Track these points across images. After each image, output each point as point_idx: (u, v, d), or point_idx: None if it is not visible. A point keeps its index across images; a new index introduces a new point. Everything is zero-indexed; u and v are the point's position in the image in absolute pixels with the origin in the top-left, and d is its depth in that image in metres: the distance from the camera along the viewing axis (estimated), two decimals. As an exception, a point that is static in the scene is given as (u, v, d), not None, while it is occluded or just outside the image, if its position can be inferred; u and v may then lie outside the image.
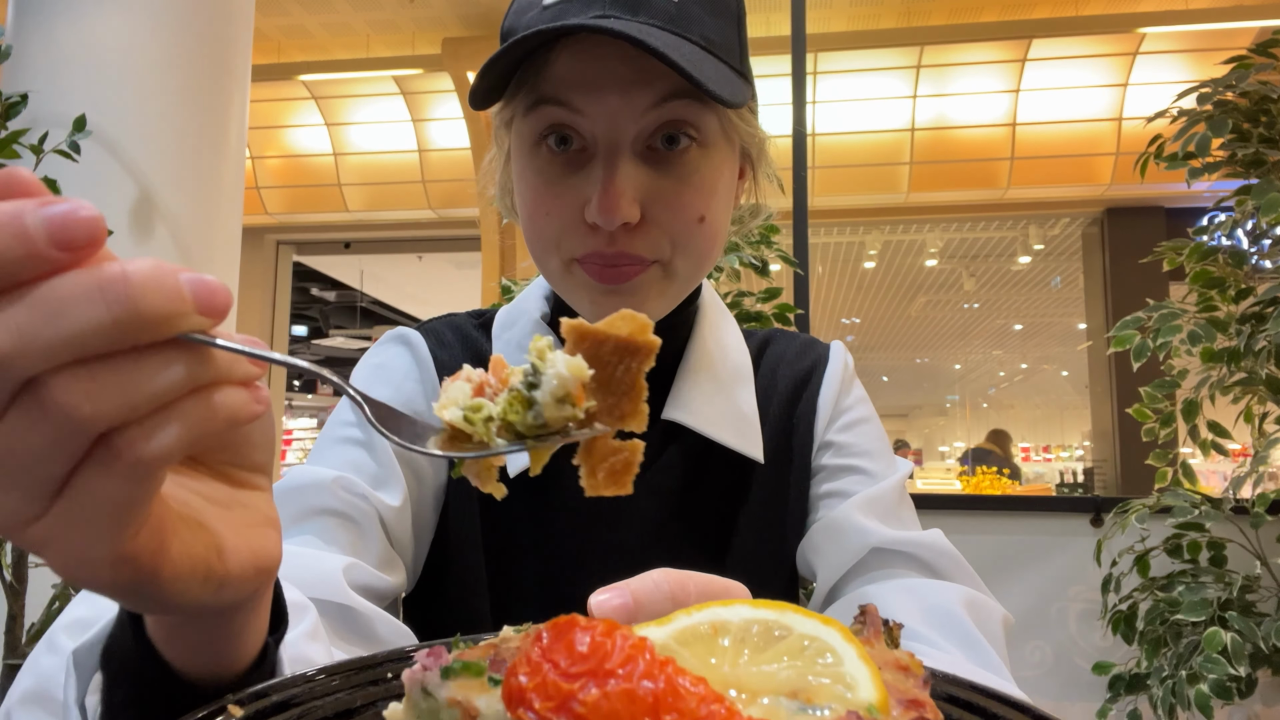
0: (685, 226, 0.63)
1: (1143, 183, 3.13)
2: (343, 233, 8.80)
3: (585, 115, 0.60)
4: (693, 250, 0.64)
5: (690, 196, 0.62)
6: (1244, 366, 1.95)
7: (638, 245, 0.61)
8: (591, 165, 0.61)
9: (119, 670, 0.38)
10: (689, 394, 0.70)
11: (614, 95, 0.59)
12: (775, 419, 0.75)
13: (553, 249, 0.64)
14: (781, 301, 2.14)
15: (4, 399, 0.25)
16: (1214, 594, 1.83)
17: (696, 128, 0.62)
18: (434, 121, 7.70)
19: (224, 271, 2.71)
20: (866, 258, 9.64)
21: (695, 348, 0.73)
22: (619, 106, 0.60)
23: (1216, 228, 2.13)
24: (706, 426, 0.69)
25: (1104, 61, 6.75)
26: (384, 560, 0.65)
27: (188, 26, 2.60)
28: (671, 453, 0.70)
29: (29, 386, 0.25)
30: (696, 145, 0.63)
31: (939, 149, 7.25)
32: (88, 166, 2.07)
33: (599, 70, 0.59)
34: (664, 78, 0.59)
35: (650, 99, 0.60)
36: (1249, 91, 2.03)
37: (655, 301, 0.65)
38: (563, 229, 0.63)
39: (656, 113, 0.60)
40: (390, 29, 6.97)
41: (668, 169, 0.62)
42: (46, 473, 0.25)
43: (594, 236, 0.61)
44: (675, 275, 0.65)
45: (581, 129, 0.61)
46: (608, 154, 0.60)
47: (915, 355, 17.05)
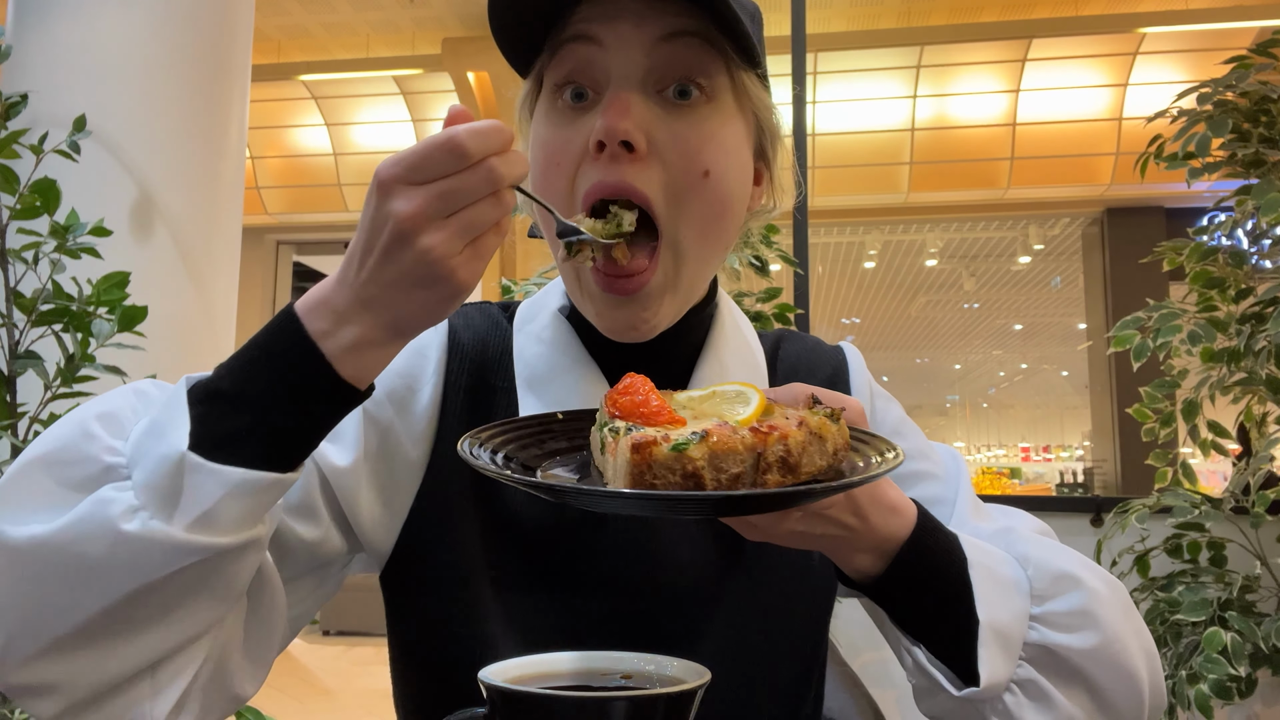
0: (689, 175, 0.62)
1: (1143, 183, 3.14)
2: (343, 233, 8.80)
3: (602, 45, 0.62)
4: (695, 209, 0.63)
5: (697, 142, 0.62)
6: (1244, 366, 1.95)
7: (638, 177, 0.61)
8: (602, 101, 0.62)
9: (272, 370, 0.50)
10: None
11: (627, 23, 0.61)
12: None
13: (567, 192, 0.63)
14: (781, 301, 2.14)
15: (483, 192, 0.48)
16: (1214, 594, 1.83)
17: (708, 77, 0.63)
18: (434, 121, 7.70)
19: (224, 271, 2.72)
20: (866, 258, 9.65)
21: (712, 348, 0.73)
22: (631, 34, 0.61)
23: (1216, 228, 2.13)
24: None
25: (1104, 61, 6.76)
26: (297, 509, 0.64)
27: (188, 26, 2.60)
28: None
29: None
30: (705, 98, 0.63)
31: (939, 149, 7.26)
32: (88, 166, 2.07)
33: (617, 6, 0.62)
34: (678, 14, 0.61)
35: (660, 29, 0.61)
36: (1249, 91, 2.03)
37: (667, 308, 0.65)
38: (573, 173, 0.63)
39: (667, 48, 0.61)
40: (390, 29, 6.97)
41: (676, 113, 0.62)
42: (481, 219, 0.49)
43: (599, 165, 0.61)
44: (684, 258, 0.64)
45: (596, 68, 0.62)
46: (619, 82, 0.62)
47: (915, 355, 17.06)
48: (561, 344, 0.71)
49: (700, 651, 0.64)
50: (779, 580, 0.71)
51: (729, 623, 0.68)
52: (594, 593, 0.66)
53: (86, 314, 1.50)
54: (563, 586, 0.66)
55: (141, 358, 1.61)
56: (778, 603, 0.71)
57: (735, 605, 0.69)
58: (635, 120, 0.60)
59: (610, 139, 0.59)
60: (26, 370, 1.50)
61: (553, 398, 0.68)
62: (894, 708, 2.15)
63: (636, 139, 0.60)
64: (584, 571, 0.67)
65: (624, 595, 0.66)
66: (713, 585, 0.68)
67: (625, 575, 0.67)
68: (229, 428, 0.49)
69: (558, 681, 0.52)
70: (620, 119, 0.59)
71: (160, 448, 0.48)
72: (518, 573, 0.67)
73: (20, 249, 1.55)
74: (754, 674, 0.69)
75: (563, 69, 0.63)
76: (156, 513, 0.48)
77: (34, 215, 1.55)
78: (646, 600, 0.67)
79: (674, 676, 0.51)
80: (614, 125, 0.59)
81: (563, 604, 0.66)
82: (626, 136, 0.59)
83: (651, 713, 0.47)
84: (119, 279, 1.54)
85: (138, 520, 0.47)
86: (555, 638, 0.62)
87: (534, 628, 0.65)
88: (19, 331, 1.53)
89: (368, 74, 7.33)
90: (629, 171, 0.60)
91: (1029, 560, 0.60)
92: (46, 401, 1.50)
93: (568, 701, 0.47)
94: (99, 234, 1.55)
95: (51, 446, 0.51)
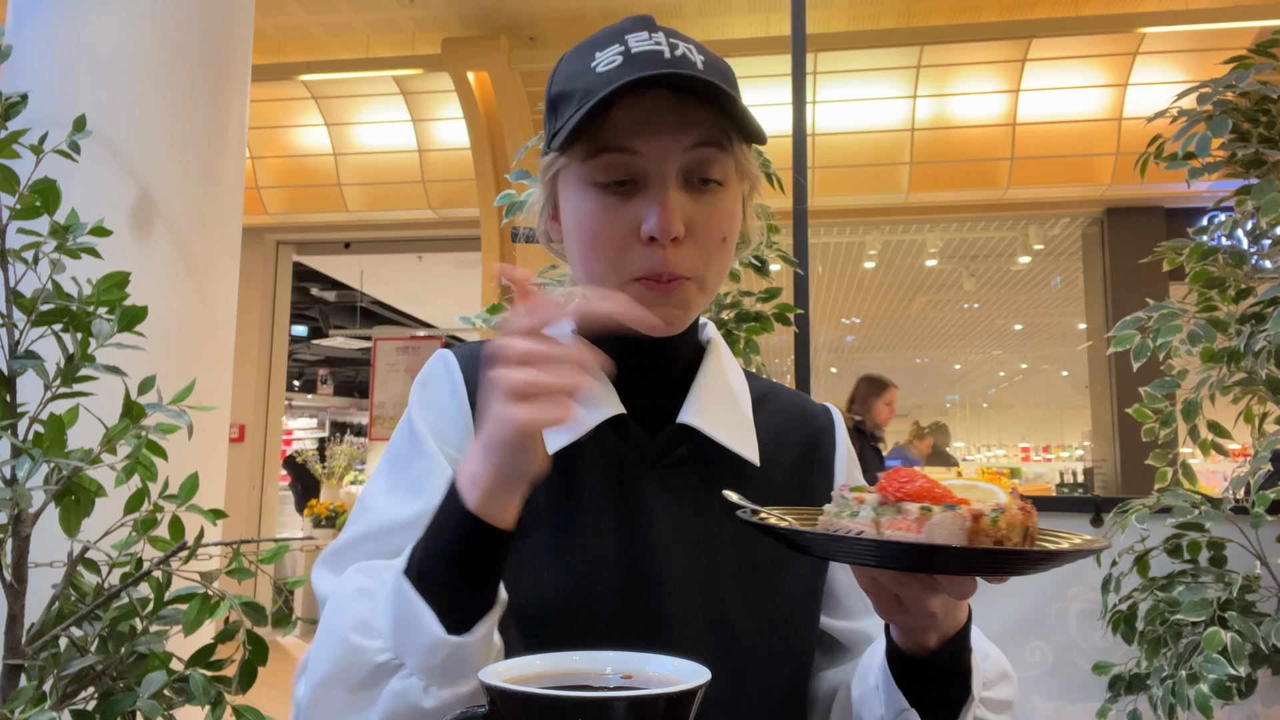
0: (714, 245, 0.79)
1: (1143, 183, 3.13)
2: (343, 233, 8.80)
3: (640, 155, 0.75)
4: (716, 266, 0.80)
5: (718, 220, 0.79)
6: (1244, 366, 1.95)
7: (684, 261, 0.77)
8: (642, 195, 0.76)
9: (444, 537, 0.64)
10: (700, 405, 0.84)
11: (666, 136, 0.76)
12: (789, 463, 0.89)
13: (612, 269, 0.78)
14: (781, 301, 2.14)
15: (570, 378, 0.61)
16: (1214, 594, 1.83)
17: (722, 168, 0.78)
18: (434, 121, 7.70)
19: (224, 271, 2.71)
20: (866, 258, 9.64)
21: (707, 372, 0.87)
22: (670, 144, 0.76)
23: (1216, 228, 2.13)
24: (714, 431, 0.83)
25: (1104, 61, 6.75)
26: None
27: (188, 26, 2.60)
28: (683, 450, 0.83)
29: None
30: (720, 181, 0.79)
31: (939, 149, 7.25)
32: (88, 166, 2.07)
33: (654, 119, 0.75)
34: (701, 124, 0.76)
35: (691, 139, 0.76)
36: (1249, 91, 2.03)
37: (692, 311, 0.81)
38: (621, 248, 0.77)
39: (695, 153, 0.76)
40: (390, 29, 6.97)
41: (700, 198, 0.78)
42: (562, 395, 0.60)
43: (650, 254, 0.76)
44: (706, 289, 0.81)
45: (634, 168, 0.76)
46: (659, 182, 0.76)
47: (915, 355, 17.05)
48: None
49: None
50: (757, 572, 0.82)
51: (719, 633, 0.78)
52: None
53: (86, 314, 1.50)
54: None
55: (141, 358, 1.61)
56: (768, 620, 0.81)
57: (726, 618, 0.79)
58: (679, 216, 0.75)
59: (664, 237, 0.75)
60: (26, 370, 1.50)
61: None
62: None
63: (680, 231, 0.75)
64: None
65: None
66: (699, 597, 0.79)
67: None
68: (456, 601, 0.63)
69: (558, 681, 0.52)
70: (671, 221, 0.74)
71: (421, 639, 0.62)
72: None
73: (20, 249, 1.55)
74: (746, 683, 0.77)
75: (603, 169, 0.77)
76: (443, 686, 0.62)
77: (34, 215, 1.55)
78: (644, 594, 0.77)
79: (674, 676, 0.51)
80: (668, 226, 0.74)
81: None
82: (676, 233, 0.75)
83: (651, 713, 0.47)
84: (119, 279, 1.54)
85: (431, 696, 0.62)
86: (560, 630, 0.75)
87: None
88: (19, 331, 1.53)
89: (368, 74, 7.32)
90: (673, 254, 0.76)
91: (987, 655, 0.77)
92: (46, 402, 1.50)
93: (568, 701, 0.47)
94: (99, 234, 1.55)
95: (331, 667, 0.64)
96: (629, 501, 0.79)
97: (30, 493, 1.43)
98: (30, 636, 1.44)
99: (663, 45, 0.76)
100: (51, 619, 1.47)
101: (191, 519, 1.50)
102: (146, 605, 1.47)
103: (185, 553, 1.48)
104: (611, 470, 0.80)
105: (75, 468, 1.43)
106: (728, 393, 0.86)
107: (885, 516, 0.59)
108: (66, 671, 1.40)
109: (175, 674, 1.40)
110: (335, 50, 7.24)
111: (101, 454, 1.47)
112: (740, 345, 2.13)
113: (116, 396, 1.50)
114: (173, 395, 1.52)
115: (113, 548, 1.54)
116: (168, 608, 1.48)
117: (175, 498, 1.52)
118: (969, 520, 0.56)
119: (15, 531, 1.46)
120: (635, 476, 0.80)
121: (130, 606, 1.46)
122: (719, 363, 0.89)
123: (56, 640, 1.44)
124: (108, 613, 1.46)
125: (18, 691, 1.34)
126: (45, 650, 1.42)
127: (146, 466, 1.53)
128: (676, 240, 0.75)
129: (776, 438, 0.88)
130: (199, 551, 1.48)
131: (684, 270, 0.77)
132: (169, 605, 1.48)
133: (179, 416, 1.50)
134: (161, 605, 1.48)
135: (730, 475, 0.82)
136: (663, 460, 0.82)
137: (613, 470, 0.80)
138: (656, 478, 0.81)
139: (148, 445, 1.51)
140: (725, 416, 0.84)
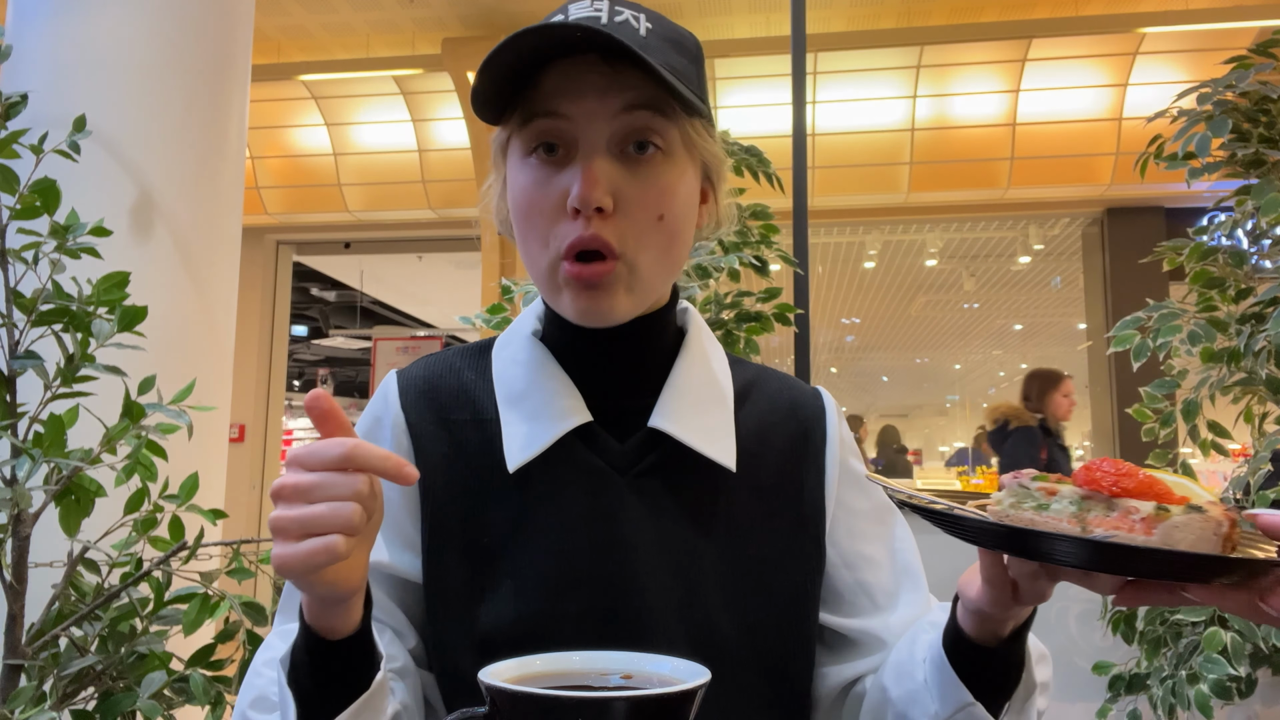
0: (646, 222, 0.74)
1: (1143, 183, 3.13)
2: (343, 233, 8.79)
3: (569, 119, 0.72)
4: (651, 246, 0.75)
5: (653, 195, 0.74)
6: (1244, 366, 1.95)
7: (608, 232, 0.72)
8: (571, 165, 0.73)
9: (303, 654, 0.63)
10: (673, 407, 0.79)
11: (592, 99, 0.72)
12: (774, 459, 0.84)
13: (543, 245, 0.74)
14: (781, 301, 2.14)
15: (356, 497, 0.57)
16: (1214, 594, 1.82)
17: (662, 136, 0.74)
18: (434, 121, 7.70)
19: (224, 271, 2.71)
20: (866, 258, 9.64)
21: (681, 365, 0.82)
22: (595, 108, 0.72)
23: (1216, 228, 2.13)
24: (687, 436, 0.78)
25: (1104, 61, 6.75)
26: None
27: (188, 26, 2.60)
28: (655, 456, 0.79)
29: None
30: (661, 153, 0.74)
31: (939, 149, 7.25)
32: (88, 166, 2.07)
33: (580, 82, 0.72)
34: (633, 88, 0.72)
35: (620, 103, 0.72)
36: (1249, 91, 2.03)
37: (624, 299, 0.75)
38: (550, 222, 0.73)
39: (627, 117, 0.72)
40: (390, 29, 6.97)
41: (635, 169, 0.73)
42: (356, 526, 0.56)
43: (574, 224, 0.72)
44: (639, 272, 0.75)
45: (565, 134, 0.73)
46: (586, 150, 0.72)
47: (915, 355, 17.05)
48: (536, 362, 0.81)
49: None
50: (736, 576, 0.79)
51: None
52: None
53: (86, 314, 1.50)
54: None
55: (141, 358, 1.61)
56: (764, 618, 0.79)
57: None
58: (604, 185, 0.71)
59: (585, 207, 0.71)
60: (26, 370, 1.50)
61: (531, 408, 0.78)
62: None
63: (605, 203, 0.71)
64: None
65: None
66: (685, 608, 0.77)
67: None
68: (315, 693, 0.63)
69: (558, 681, 0.52)
70: (592, 189, 0.70)
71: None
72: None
73: (20, 249, 1.55)
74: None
75: (534, 136, 0.74)
76: None
77: (34, 215, 1.55)
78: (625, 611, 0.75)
79: (674, 676, 0.51)
80: (588, 195, 0.70)
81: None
82: (599, 203, 0.71)
83: (651, 713, 0.47)
84: (119, 279, 1.54)
85: None
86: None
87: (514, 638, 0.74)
88: (19, 331, 1.53)
89: (368, 74, 7.31)
90: (599, 227, 0.72)
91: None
92: (46, 402, 1.50)
93: (568, 701, 0.47)
94: (99, 234, 1.55)
95: None
96: (600, 515, 0.75)
97: (30, 493, 1.43)
98: (30, 636, 1.44)
99: (601, 11, 0.72)
100: (51, 619, 1.47)
101: (191, 519, 1.50)
102: (146, 605, 1.47)
103: (185, 553, 1.48)
104: (579, 483, 0.76)
105: (75, 468, 1.43)
106: (706, 389, 0.81)
107: (1093, 513, 0.52)
108: (66, 671, 1.40)
109: (175, 674, 1.40)
110: (335, 50, 7.24)
111: (101, 454, 1.47)
112: (740, 345, 2.13)
113: (116, 396, 1.50)
114: (173, 395, 1.52)
115: (113, 548, 1.54)
116: (168, 608, 1.48)
117: (175, 498, 1.52)
118: (1225, 525, 0.48)
119: (15, 531, 1.46)
120: (606, 487, 0.76)
121: (130, 606, 1.46)
122: (697, 353, 0.83)
123: (56, 640, 1.44)
124: (108, 613, 1.46)
125: (18, 691, 1.34)
126: (45, 650, 1.42)
127: (146, 466, 1.53)
128: (602, 212, 0.71)
129: (761, 434, 0.83)
130: (199, 551, 1.48)
131: (609, 242, 0.72)
132: (169, 605, 1.48)
133: (179, 416, 1.50)
134: (161, 605, 1.48)
135: (705, 481, 0.78)
136: (634, 468, 0.77)
137: (580, 482, 0.76)
138: (628, 485, 0.76)
139: (148, 445, 1.51)
140: (701, 419, 0.79)
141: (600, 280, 0.73)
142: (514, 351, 0.82)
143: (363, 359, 14.44)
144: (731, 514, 0.79)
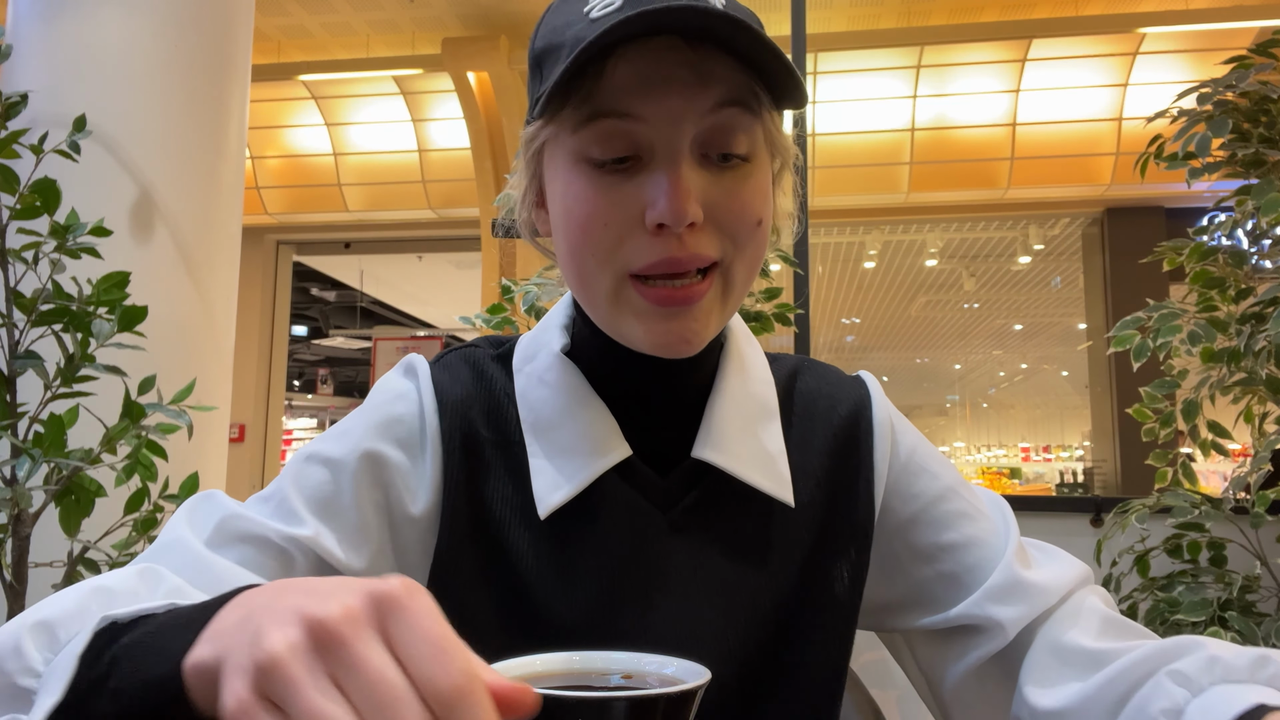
0: (746, 227, 0.62)
1: (1143, 183, 3.13)
2: (343, 233, 8.80)
3: (646, 121, 0.59)
4: (749, 253, 0.64)
5: (749, 197, 0.62)
6: (1244, 366, 1.95)
7: (703, 245, 0.61)
8: (647, 172, 0.60)
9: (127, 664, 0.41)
10: (718, 434, 0.69)
11: (677, 98, 0.59)
12: (818, 466, 0.73)
13: (607, 264, 0.62)
14: (781, 301, 2.14)
15: None
16: (1214, 594, 1.83)
17: (749, 136, 0.62)
18: (434, 121, 7.70)
19: (224, 271, 2.72)
20: (866, 258, 9.65)
21: (724, 382, 0.71)
22: (682, 109, 0.59)
23: (1216, 228, 2.13)
24: (737, 467, 0.68)
25: (1104, 61, 6.76)
26: None
27: (188, 26, 2.60)
28: (700, 490, 0.69)
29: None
30: (748, 153, 0.62)
31: (939, 149, 7.26)
32: (88, 166, 2.07)
33: (661, 75, 0.59)
34: (721, 80, 0.59)
35: (710, 101, 0.60)
36: (1249, 91, 2.03)
37: (715, 321, 0.64)
38: (622, 238, 0.61)
39: (714, 116, 0.60)
40: (390, 29, 6.97)
41: (722, 174, 0.62)
42: None
43: (659, 241, 0.60)
44: (733, 285, 0.64)
45: (640, 139, 0.60)
46: (670, 156, 0.60)
47: (915, 355, 17.06)
48: (567, 386, 0.69)
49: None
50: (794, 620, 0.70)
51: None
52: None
53: (86, 314, 1.50)
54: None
55: (141, 358, 1.61)
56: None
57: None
58: (695, 193, 0.59)
59: (678, 224, 0.59)
60: (26, 370, 1.50)
61: (563, 441, 0.67)
62: (894, 708, 2.15)
63: (697, 214, 0.59)
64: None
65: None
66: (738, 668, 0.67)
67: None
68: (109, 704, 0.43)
69: (558, 681, 0.52)
70: (685, 202, 0.58)
71: (49, 698, 0.41)
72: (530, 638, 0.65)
73: (20, 249, 1.55)
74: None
75: (598, 139, 0.60)
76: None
77: (34, 215, 1.55)
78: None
79: (674, 676, 0.51)
80: (680, 210, 0.58)
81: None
82: (691, 218, 0.59)
83: (651, 713, 0.47)
84: (119, 279, 1.54)
85: None
86: None
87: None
88: (19, 331, 1.53)
89: (368, 74, 7.32)
90: (692, 242, 0.60)
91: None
92: (46, 402, 1.50)
93: (568, 701, 0.47)
94: (99, 234, 1.55)
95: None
96: (642, 560, 0.67)
97: (30, 493, 1.43)
98: (30, 636, 1.44)
99: None
100: (51, 619, 1.46)
101: (191, 519, 1.49)
102: (146, 605, 1.47)
103: (185, 553, 1.48)
104: (619, 523, 0.67)
105: (75, 468, 1.43)
106: (752, 407, 0.71)
107: None
108: (66, 671, 1.40)
109: (175, 674, 1.39)
110: (335, 50, 7.24)
111: (101, 454, 1.47)
112: (740, 345, 2.12)
113: (116, 396, 1.50)
114: (173, 395, 1.52)
115: (113, 548, 1.54)
116: (168, 608, 1.48)
117: (175, 498, 1.52)
118: None
119: (15, 531, 1.46)
120: (647, 526, 0.67)
121: (130, 606, 1.46)
122: (739, 365, 0.73)
123: (56, 640, 1.44)
124: (108, 613, 1.46)
125: (18, 691, 1.34)
126: (45, 650, 1.42)
127: (146, 466, 1.53)
128: (693, 227, 0.60)
129: (804, 444, 0.73)
130: (199, 551, 1.48)
131: (708, 252, 0.61)
132: (169, 605, 1.48)
133: (179, 416, 1.50)
134: (161, 605, 1.48)
135: (759, 512, 0.69)
136: (679, 503, 0.68)
137: (620, 523, 0.67)
138: (670, 524, 0.67)
139: (148, 445, 1.51)
140: (750, 445, 0.69)
141: (694, 302, 0.62)
142: (539, 370, 0.71)
143: (363, 359, 14.45)
144: (788, 546, 0.70)
